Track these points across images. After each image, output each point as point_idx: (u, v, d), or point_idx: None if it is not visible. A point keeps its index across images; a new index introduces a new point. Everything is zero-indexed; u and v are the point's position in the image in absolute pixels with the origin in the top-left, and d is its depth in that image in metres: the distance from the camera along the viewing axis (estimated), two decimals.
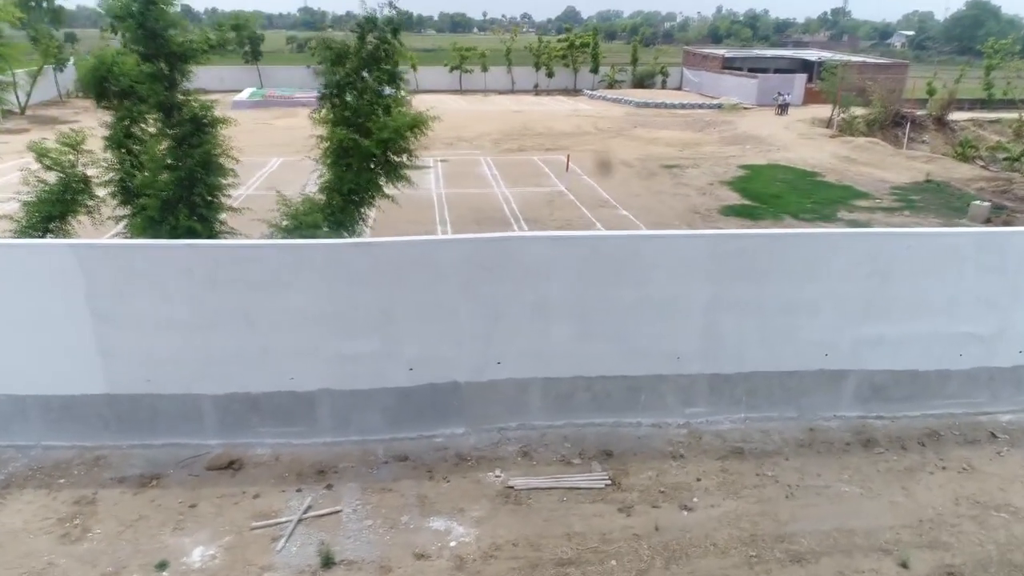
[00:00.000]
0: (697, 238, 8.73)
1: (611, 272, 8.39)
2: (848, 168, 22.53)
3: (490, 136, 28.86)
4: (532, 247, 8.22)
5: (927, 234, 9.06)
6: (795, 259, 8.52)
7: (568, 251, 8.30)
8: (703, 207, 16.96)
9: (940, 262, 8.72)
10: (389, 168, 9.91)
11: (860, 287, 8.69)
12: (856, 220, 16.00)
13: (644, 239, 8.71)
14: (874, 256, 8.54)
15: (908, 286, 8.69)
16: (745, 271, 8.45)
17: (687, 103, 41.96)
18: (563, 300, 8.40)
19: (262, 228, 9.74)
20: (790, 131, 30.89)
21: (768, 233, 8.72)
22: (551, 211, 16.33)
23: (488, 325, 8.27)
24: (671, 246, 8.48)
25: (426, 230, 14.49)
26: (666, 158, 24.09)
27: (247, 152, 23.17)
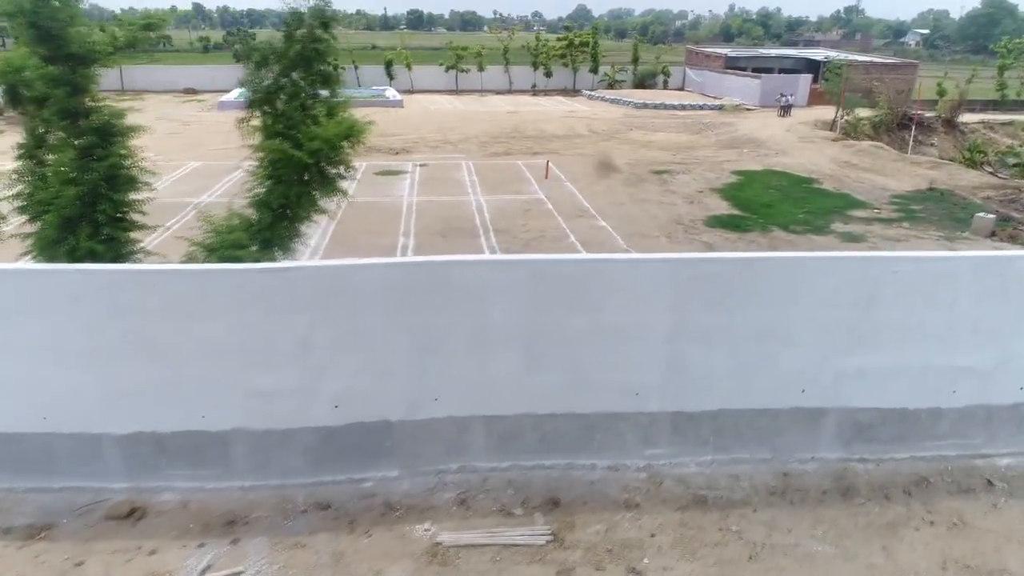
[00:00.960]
0: (657, 262, 7.94)
1: (561, 299, 7.61)
2: (848, 174, 21.65)
3: (478, 138, 28.14)
4: (469, 271, 7.45)
5: (917, 258, 8.23)
6: (768, 285, 7.72)
7: (511, 275, 7.53)
8: (688, 217, 16.15)
9: (932, 288, 7.90)
10: (323, 181, 9.14)
11: (841, 316, 7.88)
12: (851, 232, 15.14)
13: (597, 263, 7.94)
14: (857, 282, 7.73)
15: (895, 315, 7.87)
16: (712, 298, 7.66)
17: (688, 104, 41.13)
18: (507, 330, 7.64)
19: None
20: (791, 134, 30.01)
21: (738, 257, 7.94)
22: (525, 221, 15.56)
23: (422, 358, 7.52)
24: (628, 271, 7.69)
25: (388, 242, 13.76)
26: (657, 163, 23.27)
27: (220, 156, 22.70)
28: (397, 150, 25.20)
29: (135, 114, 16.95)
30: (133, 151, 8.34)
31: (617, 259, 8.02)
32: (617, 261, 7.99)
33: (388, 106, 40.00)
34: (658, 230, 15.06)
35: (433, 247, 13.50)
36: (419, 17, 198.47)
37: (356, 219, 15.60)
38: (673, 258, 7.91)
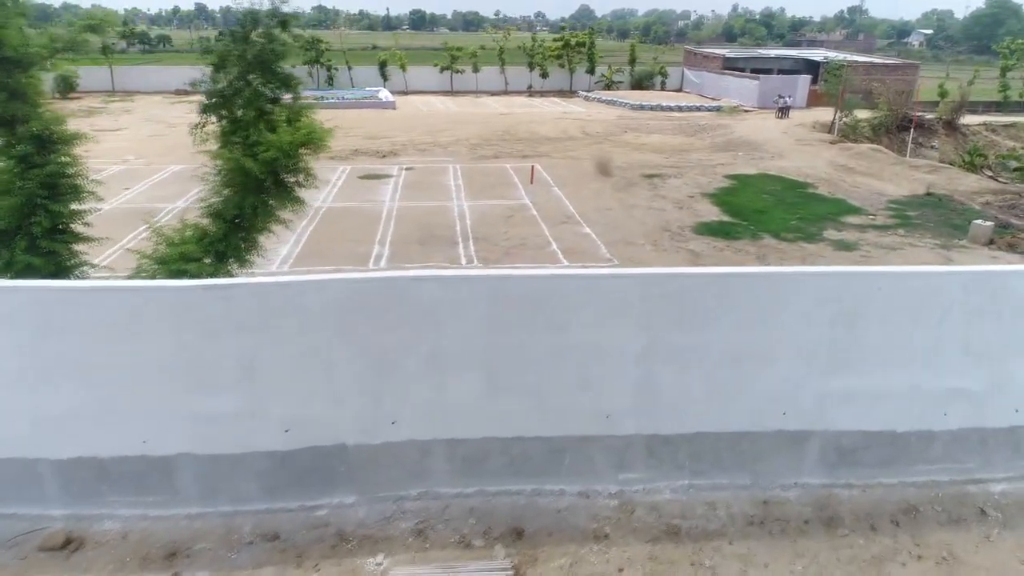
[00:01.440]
0: (625, 278, 7.52)
1: (523, 317, 7.21)
2: (844, 178, 21.23)
3: (468, 141, 27.75)
4: (424, 288, 7.04)
5: (902, 274, 7.82)
6: (745, 302, 7.31)
7: (468, 293, 7.13)
8: (676, 224, 15.73)
9: (919, 306, 7.49)
10: (281, 190, 8.73)
11: (823, 335, 7.47)
12: (843, 240, 14.71)
13: (561, 279, 7.52)
14: (839, 298, 7.32)
15: (880, 334, 7.46)
16: (685, 316, 7.26)
17: (685, 105, 40.74)
18: (466, 349, 7.24)
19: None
20: (788, 136, 29.60)
21: (710, 273, 7.53)
22: (507, 228, 15.16)
23: (377, 379, 7.12)
24: (594, 287, 7.29)
25: (363, 251, 13.36)
26: (649, 166, 22.87)
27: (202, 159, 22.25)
28: (384, 153, 24.81)
29: (123, 116, 16.21)
30: (76, 159, 7.95)
31: (581, 275, 7.61)
32: (581, 277, 7.58)
33: (380, 107, 39.64)
34: (644, 237, 14.65)
35: (409, 256, 13.10)
36: (421, 17, 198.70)
37: (333, 225, 15.23)
38: (641, 274, 7.50)
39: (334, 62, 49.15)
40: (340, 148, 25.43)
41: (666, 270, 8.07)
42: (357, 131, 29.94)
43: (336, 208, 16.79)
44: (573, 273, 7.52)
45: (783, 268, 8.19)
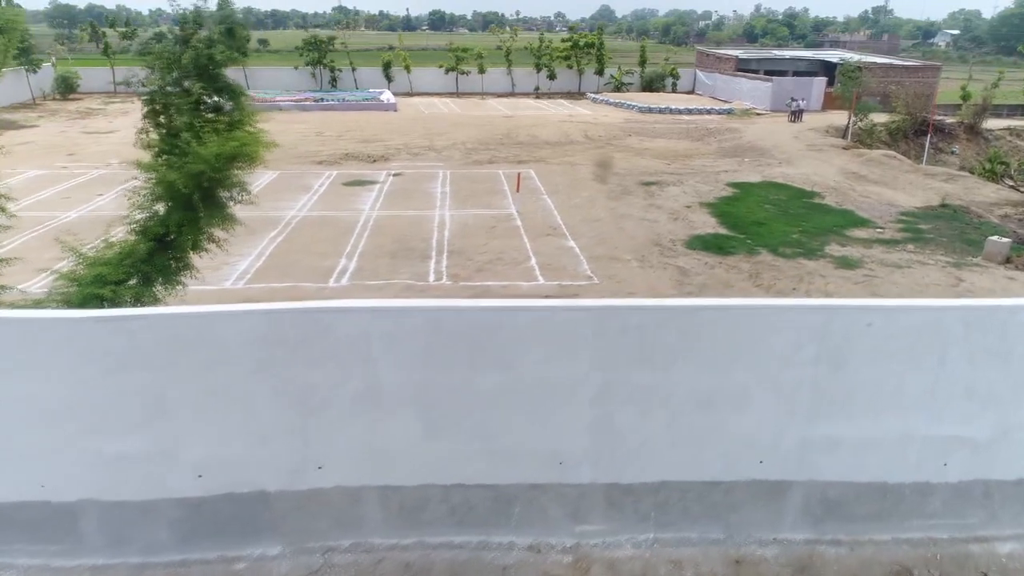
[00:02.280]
0: (579, 311, 6.80)
1: (466, 351, 6.50)
2: (854, 187, 20.29)
3: (464, 145, 27.12)
4: (353, 319, 6.36)
5: (896, 308, 7.02)
6: (715, 338, 6.54)
7: (403, 324, 6.42)
8: (668, 237, 14.95)
9: (915, 345, 6.67)
10: (212, 205, 8.11)
11: (805, 376, 6.68)
12: (847, 256, 13.84)
13: (509, 311, 6.81)
14: (823, 335, 6.54)
15: (871, 375, 6.66)
16: (647, 353, 6.51)
17: (694, 108, 39.85)
18: (402, 387, 6.54)
19: None
20: (799, 141, 28.64)
21: (677, 305, 6.78)
22: (486, 240, 14.46)
23: (301, 419, 6.45)
24: (545, 320, 6.55)
25: (328, 265, 12.73)
26: (649, 172, 22.08)
27: None
28: (375, 157, 24.25)
29: (120, 117, 15.53)
30: None
31: (531, 307, 6.90)
32: (531, 309, 6.86)
33: (381, 109, 39.16)
34: (631, 252, 13.88)
35: (375, 271, 12.46)
36: (441, 18, 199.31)
37: (305, 236, 14.64)
38: (597, 307, 6.77)
39: (337, 63, 48.79)
40: (331, 152, 24.94)
41: (626, 303, 7.32)
42: (352, 134, 29.45)
43: (311, 217, 16.20)
44: (522, 304, 6.81)
45: (759, 301, 7.41)
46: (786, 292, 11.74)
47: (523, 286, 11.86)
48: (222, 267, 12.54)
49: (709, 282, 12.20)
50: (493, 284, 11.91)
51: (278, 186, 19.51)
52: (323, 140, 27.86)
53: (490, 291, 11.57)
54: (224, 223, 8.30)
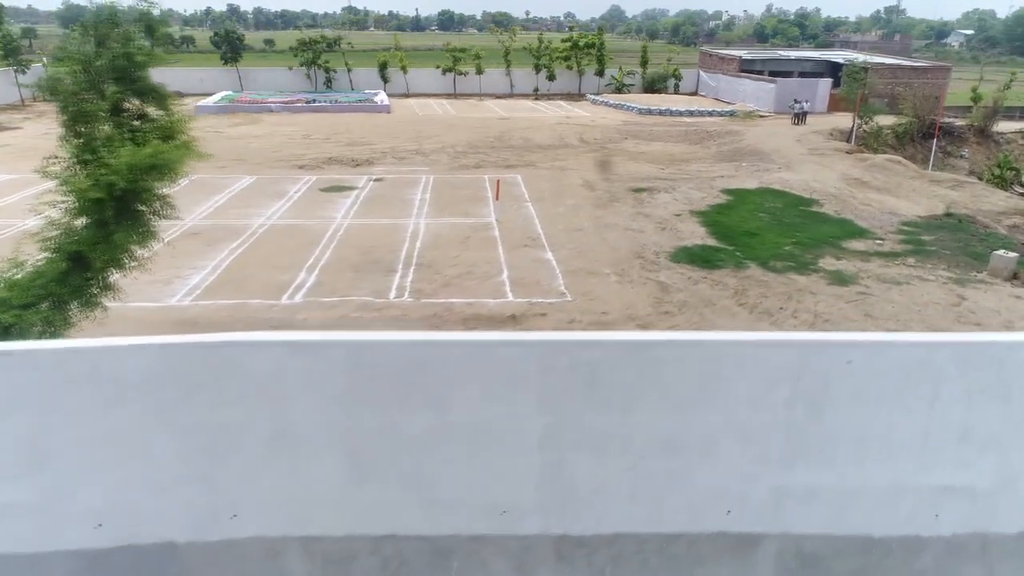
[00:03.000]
0: (522, 346, 6.09)
1: (394, 390, 5.77)
2: (855, 194, 19.47)
3: (454, 148, 26.48)
4: (265, 355, 5.64)
5: (881, 344, 6.27)
6: (678, 377, 5.79)
7: (322, 360, 5.70)
8: (653, 249, 14.21)
9: (902, 384, 5.89)
10: (130, 221, 7.47)
11: (779, 418, 5.91)
12: (841, 271, 13.05)
13: (441, 345, 6.12)
14: (799, 373, 5.78)
15: (853, 417, 5.89)
16: (601, 392, 5.77)
17: (696, 110, 39.07)
18: (323, 429, 5.82)
19: None
20: (801, 145, 27.82)
21: (634, 340, 6.06)
22: (459, 252, 13.77)
23: (211, 464, 5.74)
24: (483, 356, 5.83)
25: (285, 279, 12.08)
26: (641, 178, 21.34)
27: None
28: (359, 162, 23.63)
29: None
30: None
31: (466, 341, 6.21)
32: (466, 344, 6.15)
33: (373, 111, 38.58)
34: (611, 265, 13.15)
35: (333, 287, 11.79)
36: (450, 18, 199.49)
37: (268, 246, 14.01)
38: (542, 340, 6.06)
39: (333, 64, 48.28)
40: (314, 156, 24.37)
41: (577, 336, 6.58)
42: (340, 137, 28.87)
43: (279, 226, 15.57)
44: (456, 339, 6.10)
45: (726, 335, 6.63)
46: (772, 312, 10.97)
47: (489, 304, 11.17)
48: (173, 281, 11.92)
49: (690, 300, 11.46)
50: (457, 301, 11.23)
51: (252, 192, 18.91)
52: (309, 143, 27.29)
53: (453, 309, 10.88)
54: (142, 239, 7.67)
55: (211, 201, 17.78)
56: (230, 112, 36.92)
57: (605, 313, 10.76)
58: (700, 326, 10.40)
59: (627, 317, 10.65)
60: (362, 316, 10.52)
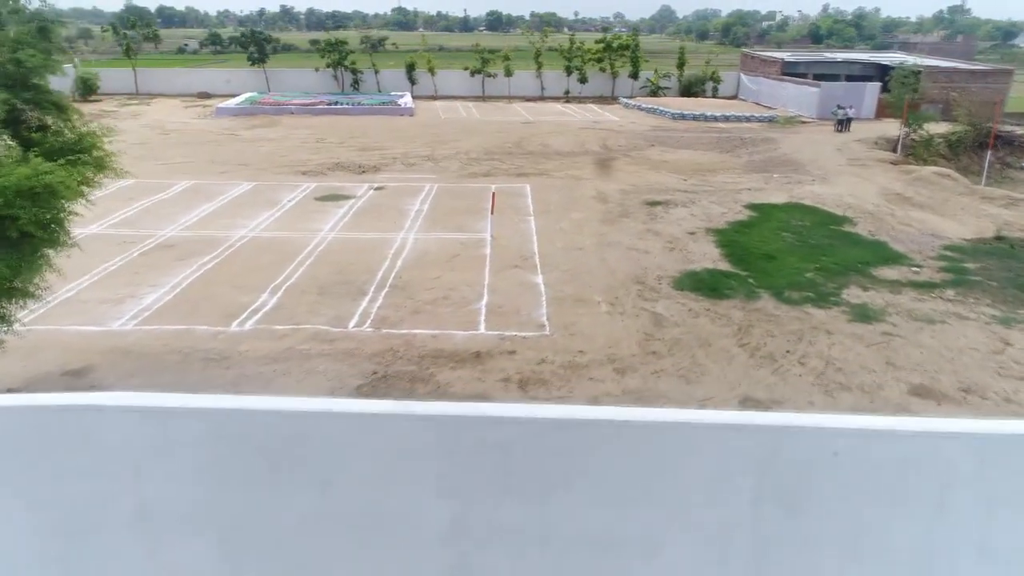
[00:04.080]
0: (418, 420, 5.02)
1: (267, 464, 4.83)
2: (895, 212, 17.83)
3: (468, 154, 25.58)
4: (114, 421, 4.78)
5: (875, 432, 5.04)
6: (613, 463, 4.72)
7: (177, 429, 4.82)
8: (656, 273, 12.98)
9: (903, 483, 4.69)
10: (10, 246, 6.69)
11: (743, 516, 4.79)
12: (866, 305, 11.60)
13: (318, 417, 5.15)
14: (767, 464, 4.65)
15: (838, 520, 4.73)
16: (516, 478, 4.74)
17: (732, 115, 37.39)
18: (188, 507, 4.93)
19: None
20: (841, 154, 26.09)
21: (556, 417, 4.98)
22: (441, 272, 12.79)
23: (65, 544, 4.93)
24: (370, 430, 4.83)
25: (245, 300, 11.26)
26: (660, 190, 20.06)
27: (163, 174, 21.04)
28: (365, 168, 22.91)
29: (128, 120, 14.10)
30: None
31: (353, 412, 5.24)
32: (352, 416, 5.16)
33: (396, 114, 38.01)
34: (605, 292, 11.99)
35: (292, 312, 10.93)
36: (498, 19, 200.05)
37: (240, 262, 13.26)
38: (445, 415, 4.99)
39: (360, 64, 48.00)
40: (321, 162, 23.77)
41: (488, 410, 5.49)
42: (354, 141, 28.29)
43: (260, 239, 14.85)
44: (339, 409, 5.09)
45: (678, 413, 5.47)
46: (777, 356, 9.66)
47: (456, 337, 10.15)
48: (126, 300, 11.24)
49: (685, 337, 10.24)
50: (421, 333, 10.24)
51: (244, 200, 18.31)
52: (320, 147, 26.75)
53: (413, 343, 9.90)
54: (23, 273, 6.88)
55: (199, 209, 17.22)
56: (249, 114, 36.80)
57: (582, 352, 9.62)
58: (688, 371, 9.18)
59: (606, 358, 9.49)
60: (310, 349, 9.62)
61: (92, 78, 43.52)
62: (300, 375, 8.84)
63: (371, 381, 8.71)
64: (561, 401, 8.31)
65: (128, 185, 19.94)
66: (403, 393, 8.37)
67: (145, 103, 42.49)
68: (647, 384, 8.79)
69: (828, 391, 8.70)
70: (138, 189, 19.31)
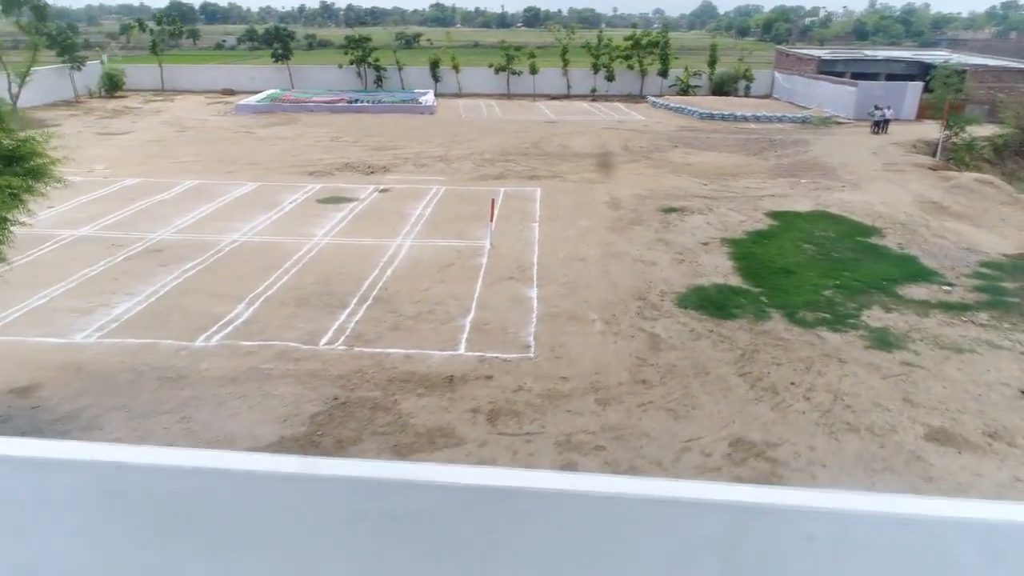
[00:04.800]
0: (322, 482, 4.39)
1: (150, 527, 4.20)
2: (929, 223, 16.68)
3: (482, 155, 24.97)
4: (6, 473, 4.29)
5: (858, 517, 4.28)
6: (546, 541, 3.99)
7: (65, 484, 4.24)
8: (660, 288, 12.18)
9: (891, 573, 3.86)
10: None
11: None
12: (887, 330, 10.65)
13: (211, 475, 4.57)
14: (730, 546, 3.87)
15: None
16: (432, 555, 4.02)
17: (763, 115, 36.12)
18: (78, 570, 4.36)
19: None
20: (876, 158, 24.80)
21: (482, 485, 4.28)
22: (431, 284, 12.18)
23: None
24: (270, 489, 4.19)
25: (217, 312, 10.79)
26: (677, 195, 19.18)
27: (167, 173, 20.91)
28: (375, 169, 22.45)
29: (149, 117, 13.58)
30: None
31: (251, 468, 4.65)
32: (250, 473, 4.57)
33: (416, 113, 37.59)
34: (602, 309, 11.25)
35: (266, 325, 10.43)
36: (535, 15, 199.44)
37: (224, 269, 12.84)
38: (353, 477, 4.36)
39: (383, 61, 47.74)
40: (331, 162, 23.39)
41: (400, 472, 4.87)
42: (369, 141, 27.90)
43: (250, 244, 14.43)
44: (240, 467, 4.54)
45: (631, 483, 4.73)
46: (779, 388, 8.82)
47: (433, 357, 9.53)
48: (96, 310, 10.88)
49: (681, 363, 9.46)
50: (396, 352, 9.64)
51: (245, 202, 17.97)
52: (333, 147, 26.40)
53: (384, 364, 9.31)
54: None
55: (197, 211, 16.92)
56: (268, 112, 36.74)
57: (565, 379, 8.91)
58: (679, 404, 8.40)
59: (590, 386, 8.77)
60: (272, 369, 9.09)
61: (118, 74, 44.01)
62: (255, 399, 8.32)
63: (329, 408, 8.14)
64: (529, 438, 7.63)
65: (133, 184, 19.81)
66: (360, 423, 7.78)
67: (169, 99, 42.81)
68: (630, 419, 8.05)
69: (832, 432, 7.86)
70: (141, 189, 19.11)
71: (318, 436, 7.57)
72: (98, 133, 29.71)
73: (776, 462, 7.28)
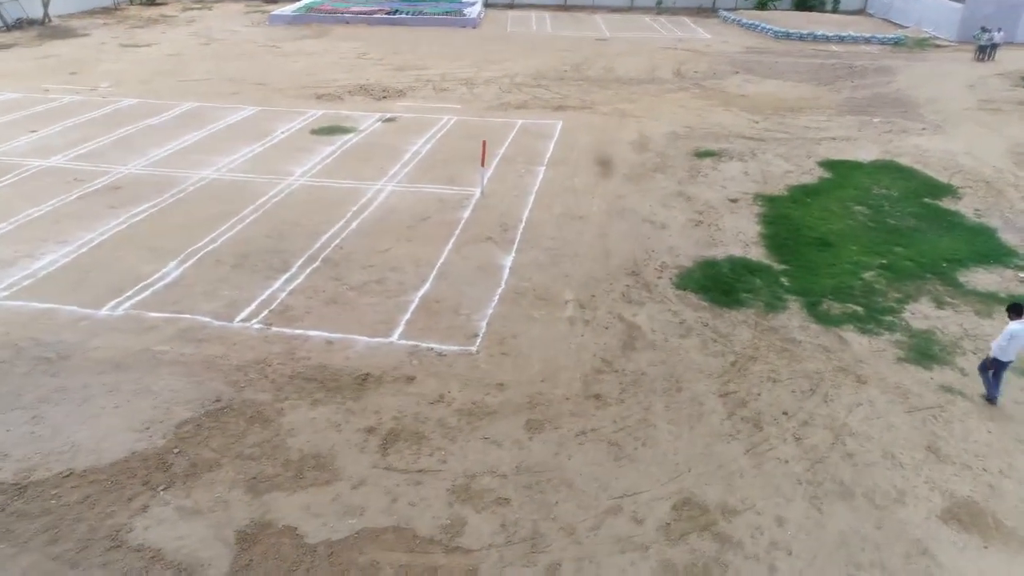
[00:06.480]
0: None
1: None
2: (1021, 184, 13.86)
3: (513, 78, 22.77)
4: None
5: None
6: None
7: None
8: (662, 259, 10.31)
9: None
10: None
11: None
12: (932, 334, 8.55)
13: None
14: None
15: None
16: None
17: (849, 35, 31.90)
18: None
19: None
20: (972, 93, 21.24)
21: None
22: (394, 243, 10.70)
23: None
24: None
25: (141, 272, 9.62)
26: (720, 134, 16.74)
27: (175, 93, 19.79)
28: (390, 92, 20.69)
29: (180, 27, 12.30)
30: None
31: None
32: None
33: (458, 26, 34.97)
34: (582, 286, 9.54)
35: (187, 291, 9.25)
36: None
37: (174, 215, 11.67)
38: None
39: None
40: (345, 84, 21.69)
41: None
42: (396, 59, 25.94)
43: (219, 182, 13.19)
44: None
45: None
46: (764, 421, 7.01)
47: (357, 345, 8.16)
48: (16, 263, 9.93)
49: (652, 370, 7.76)
50: (318, 336, 8.31)
51: (233, 131, 16.65)
52: (355, 66, 24.60)
53: (300, 349, 8.00)
54: None
55: (179, 140, 15.73)
56: (303, 23, 34.92)
57: (500, 387, 7.39)
58: (628, 436, 6.73)
59: (527, 401, 7.22)
60: (167, 352, 7.94)
61: None
62: (127, 395, 7.21)
63: (201, 416, 6.95)
64: (420, 478, 6.21)
65: (128, 106, 18.75)
66: (227, 440, 6.57)
67: (208, 7, 41.39)
68: (557, 457, 6.50)
69: (816, 497, 6.10)
70: (135, 112, 18.06)
71: (173, 454, 6.43)
72: (122, 45, 28.75)
73: (726, 541, 5.65)
